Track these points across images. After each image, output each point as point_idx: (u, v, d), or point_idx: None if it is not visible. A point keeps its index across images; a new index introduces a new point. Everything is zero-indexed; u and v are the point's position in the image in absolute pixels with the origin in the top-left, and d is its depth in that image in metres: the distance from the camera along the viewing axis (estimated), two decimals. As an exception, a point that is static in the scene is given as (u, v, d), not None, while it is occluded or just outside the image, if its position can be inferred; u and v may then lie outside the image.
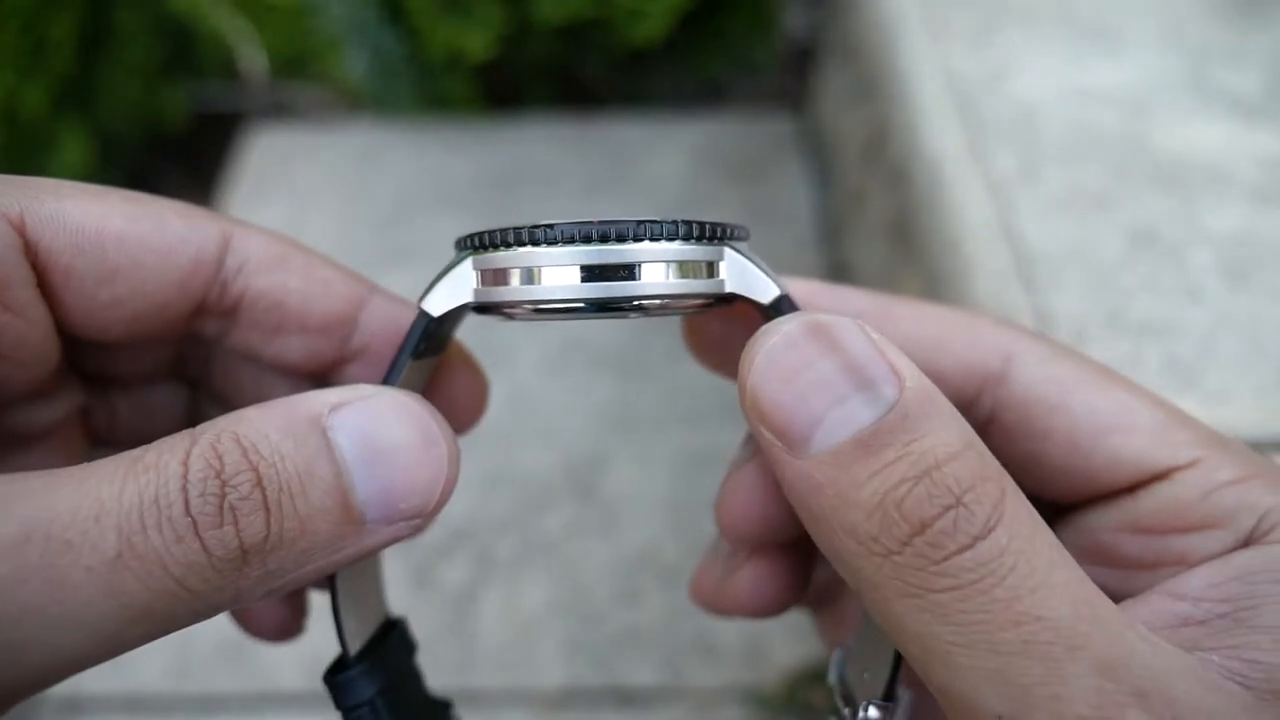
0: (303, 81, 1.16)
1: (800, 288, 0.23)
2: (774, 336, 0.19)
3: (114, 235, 0.20)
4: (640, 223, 0.19)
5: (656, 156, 1.06)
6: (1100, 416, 0.21)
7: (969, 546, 0.17)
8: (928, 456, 0.17)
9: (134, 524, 0.16)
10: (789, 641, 0.66)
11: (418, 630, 0.29)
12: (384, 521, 0.19)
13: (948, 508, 0.17)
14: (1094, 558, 0.23)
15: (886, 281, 0.70)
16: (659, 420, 0.84)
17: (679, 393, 0.86)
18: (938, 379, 0.21)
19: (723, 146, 1.07)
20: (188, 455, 0.17)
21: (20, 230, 0.20)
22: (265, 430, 0.18)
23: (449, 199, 1.03)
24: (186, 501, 0.17)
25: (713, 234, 0.20)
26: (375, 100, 1.05)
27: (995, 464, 0.18)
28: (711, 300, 0.20)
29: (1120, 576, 0.22)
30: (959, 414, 0.18)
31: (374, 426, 0.19)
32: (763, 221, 1.02)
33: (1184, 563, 0.21)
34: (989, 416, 0.23)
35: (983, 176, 0.58)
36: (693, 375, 0.88)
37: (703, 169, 1.04)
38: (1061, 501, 0.23)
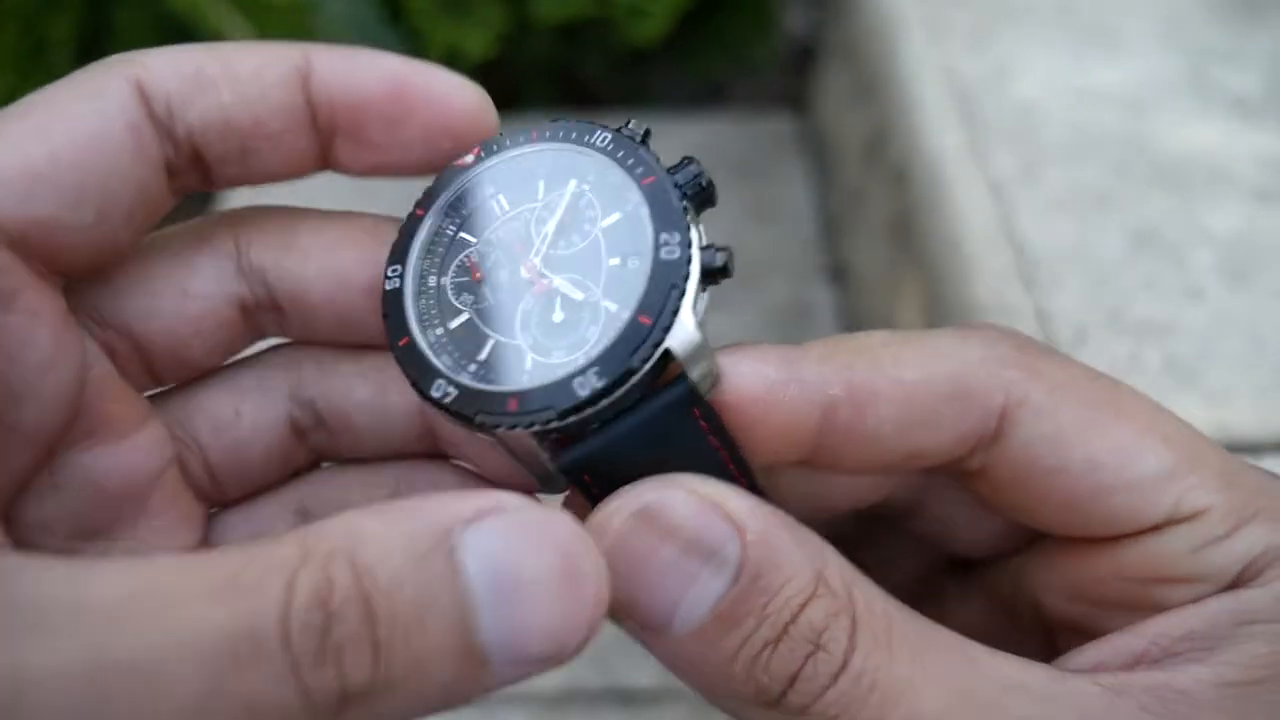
0: (303, 81, 1.16)
1: (752, 370, 0.20)
2: (607, 536, 0.18)
3: (56, 160, 0.19)
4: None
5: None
6: (1101, 474, 0.20)
7: (832, 684, 0.18)
8: (784, 612, 0.18)
9: (226, 663, 0.14)
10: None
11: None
12: (510, 664, 0.16)
13: (808, 656, 0.18)
14: (1070, 594, 0.23)
15: (887, 281, 0.70)
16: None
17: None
18: (931, 454, 0.21)
19: (723, 146, 1.07)
20: (293, 579, 0.15)
21: None
22: (387, 549, 0.15)
23: (449, 199, 1.03)
24: (287, 635, 0.14)
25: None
26: (375, 100, 1.05)
27: (846, 591, 0.19)
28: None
29: (1099, 612, 0.22)
30: (805, 538, 0.19)
31: (510, 553, 0.16)
32: (763, 221, 1.02)
33: (1163, 608, 0.21)
34: (979, 469, 0.22)
35: (983, 176, 0.58)
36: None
37: (703, 169, 1.04)
38: (1048, 536, 0.23)
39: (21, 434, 0.20)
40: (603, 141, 0.22)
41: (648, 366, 0.20)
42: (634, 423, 0.20)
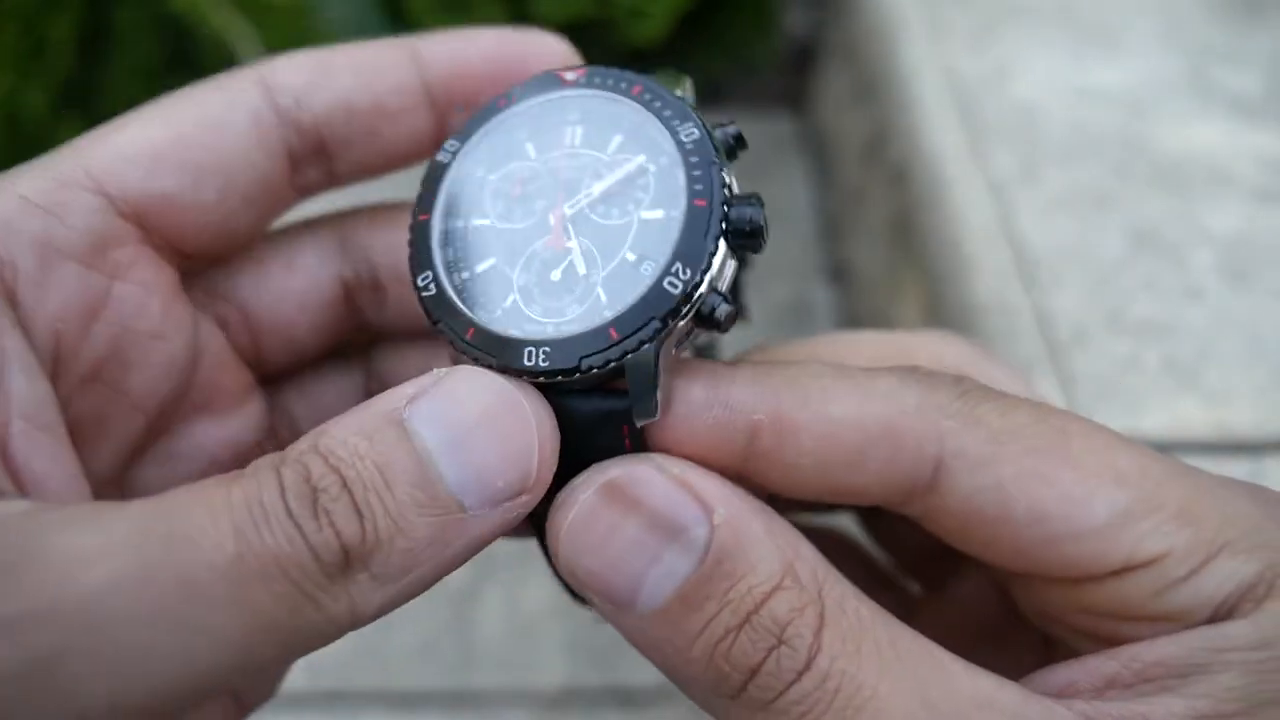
0: (303, 81, 1.16)
1: (678, 390, 0.20)
2: (573, 509, 0.18)
3: (181, 141, 0.20)
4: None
5: (656, 156, 1.06)
6: (1049, 524, 0.19)
7: (795, 682, 0.18)
8: (747, 600, 0.18)
9: (248, 522, 0.16)
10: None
11: (418, 630, 0.28)
12: (487, 505, 0.18)
13: (771, 649, 0.18)
14: (1040, 615, 0.22)
15: (887, 281, 0.70)
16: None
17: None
18: (856, 494, 0.20)
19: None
20: (278, 470, 0.17)
21: (98, 189, 0.20)
22: (342, 436, 0.17)
23: (449, 199, 1.03)
24: (286, 506, 0.16)
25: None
26: (375, 100, 1.05)
27: (814, 585, 0.18)
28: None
29: (1065, 631, 0.22)
30: (776, 527, 0.18)
31: (451, 408, 0.18)
32: (763, 221, 1.02)
33: (1126, 641, 0.20)
34: (921, 516, 0.21)
35: (983, 176, 0.58)
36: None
37: (703, 169, 1.04)
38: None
39: (130, 399, 0.21)
40: (687, 136, 0.21)
41: (593, 373, 0.19)
42: (564, 405, 0.20)
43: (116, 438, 0.21)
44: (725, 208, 0.20)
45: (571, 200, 0.22)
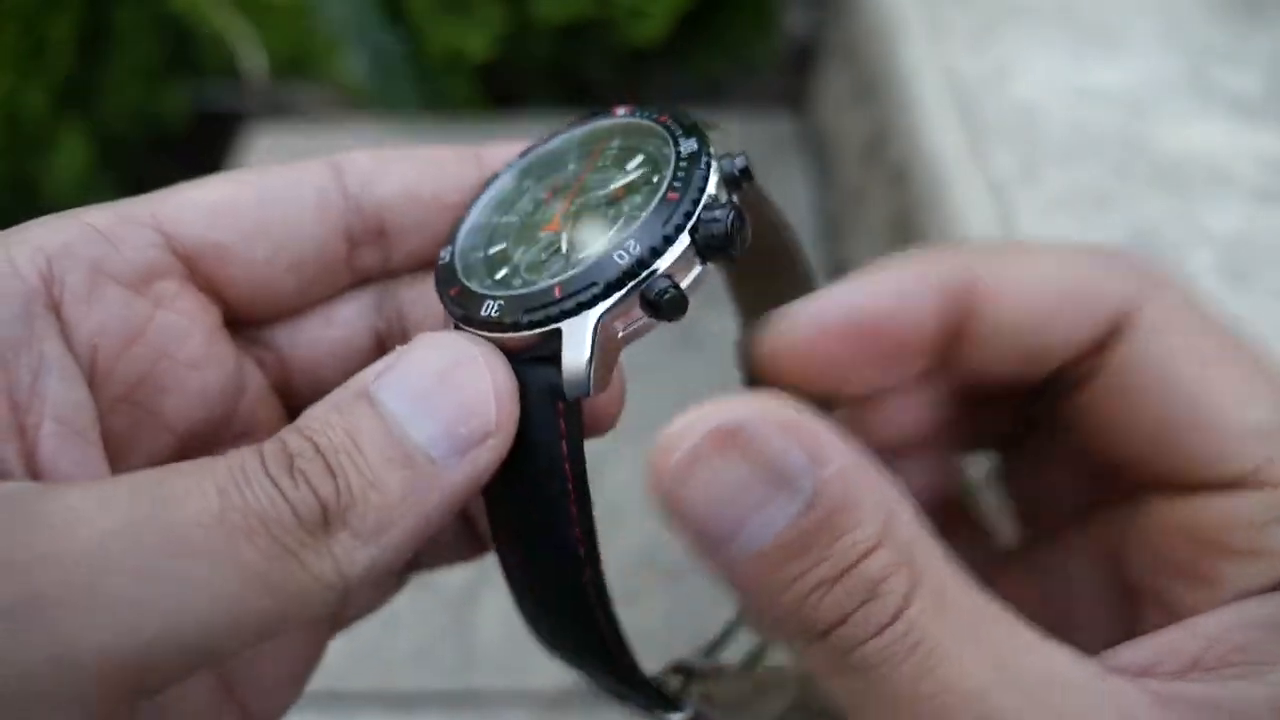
0: (303, 81, 1.16)
1: (872, 284, 0.22)
2: (681, 450, 0.19)
3: (244, 201, 0.22)
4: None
5: (657, 156, 1.06)
6: (1196, 408, 0.20)
7: (878, 634, 0.18)
8: (846, 556, 0.18)
9: (230, 484, 0.17)
10: (789, 642, 0.66)
11: (417, 633, 0.28)
12: (455, 453, 0.19)
13: (863, 602, 0.18)
14: (1149, 555, 0.22)
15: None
16: (658, 420, 0.83)
17: (678, 392, 0.86)
18: (1043, 353, 0.21)
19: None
20: (260, 445, 0.18)
21: (158, 227, 0.21)
22: (315, 413, 0.19)
23: (449, 199, 1.03)
24: (265, 469, 0.18)
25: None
26: (375, 100, 1.05)
27: (909, 547, 0.19)
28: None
29: (1169, 582, 0.22)
30: (882, 485, 0.19)
31: (413, 374, 0.19)
32: (763, 221, 1.02)
33: (1221, 585, 0.20)
34: (1089, 375, 0.22)
35: (983, 176, 0.58)
36: (693, 372, 0.88)
37: (703, 169, 1.04)
38: (1138, 479, 0.23)
39: (161, 420, 0.22)
40: (685, 149, 0.22)
41: (530, 333, 0.20)
42: (519, 373, 0.20)
43: (145, 453, 0.22)
44: (695, 206, 0.21)
45: (581, 198, 0.23)
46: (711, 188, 0.21)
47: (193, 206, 0.21)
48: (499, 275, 0.22)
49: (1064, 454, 0.25)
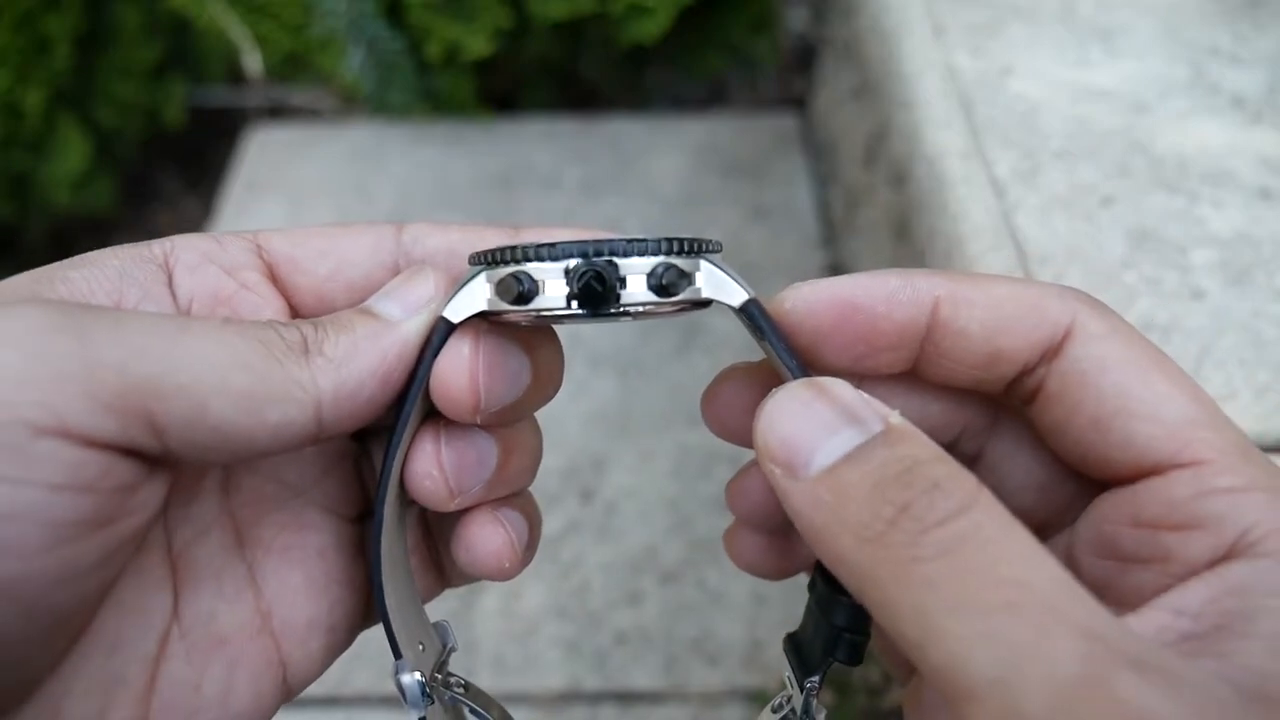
0: (301, 80, 1.15)
1: (868, 280, 0.25)
2: (779, 393, 0.23)
3: (317, 235, 0.28)
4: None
5: (657, 155, 1.06)
6: (1126, 401, 0.23)
7: (946, 522, 0.19)
8: (908, 458, 0.21)
9: (233, 318, 0.25)
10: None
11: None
12: (409, 312, 0.25)
13: (926, 491, 0.20)
14: (1098, 549, 0.24)
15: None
16: (658, 420, 0.83)
17: (678, 392, 0.86)
18: (999, 357, 0.25)
19: (723, 145, 1.07)
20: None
21: (254, 240, 0.27)
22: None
23: (448, 198, 1.03)
24: (270, 322, 0.24)
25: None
26: (373, 99, 1.04)
27: (971, 474, 0.21)
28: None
29: (1120, 569, 0.24)
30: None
31: (390, 289, 0.26)
32: (764, 220, 1.02)
33: (1169, 560, 0.22)
34: (1039, 385, 0.25)
35: (984, 175, 0.58)
36: (692, 374, 0.88)
37: (703, 168, 1.04)
38: (1086, 477, 0.25)
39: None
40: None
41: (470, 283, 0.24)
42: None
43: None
44: (585, 257, 0.23)
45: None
46: (621, 261, 0.24)
47: (281, 234, 0.28)
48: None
49: (1026, 468, 0.27)
